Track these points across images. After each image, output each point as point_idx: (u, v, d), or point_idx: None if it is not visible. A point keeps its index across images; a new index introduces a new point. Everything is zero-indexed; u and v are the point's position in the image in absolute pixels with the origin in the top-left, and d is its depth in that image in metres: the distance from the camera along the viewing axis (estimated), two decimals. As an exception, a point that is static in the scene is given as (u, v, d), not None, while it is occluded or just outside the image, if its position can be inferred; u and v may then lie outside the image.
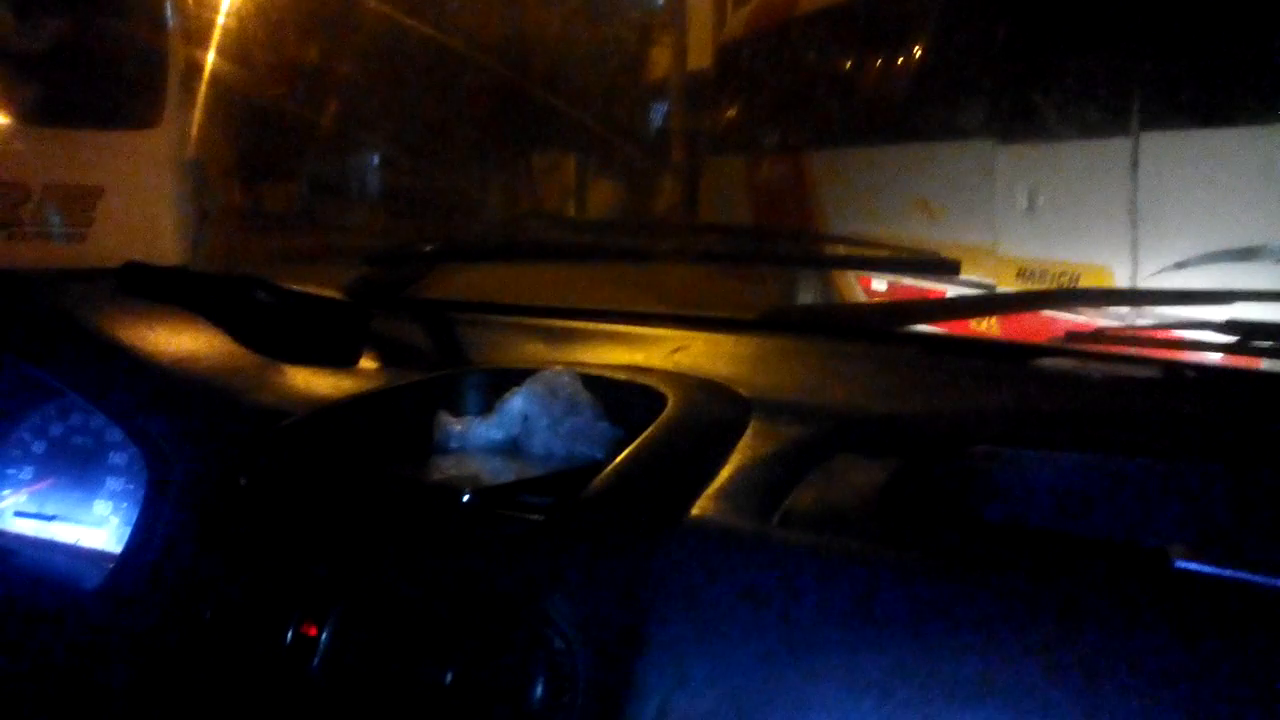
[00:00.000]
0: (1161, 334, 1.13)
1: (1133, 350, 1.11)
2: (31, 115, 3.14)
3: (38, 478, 1.12)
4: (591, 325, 1.30)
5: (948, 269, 1.22)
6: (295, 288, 1.25)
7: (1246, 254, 2.77)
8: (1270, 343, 1.03)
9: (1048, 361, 1.06)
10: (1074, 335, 1.10)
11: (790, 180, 5.55)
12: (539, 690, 0.68)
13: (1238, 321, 1.01)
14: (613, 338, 1.25)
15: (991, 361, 1.14)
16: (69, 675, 0.88)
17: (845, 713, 0.62)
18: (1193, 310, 1.12)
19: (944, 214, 4.18)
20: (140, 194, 3.34)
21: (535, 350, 1.23)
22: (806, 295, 4.85)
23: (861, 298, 4.47)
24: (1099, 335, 1.10)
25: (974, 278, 3.55)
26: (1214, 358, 1.08)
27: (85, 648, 0.88)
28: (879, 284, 4.40)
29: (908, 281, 3.75)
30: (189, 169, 3.69)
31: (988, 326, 3.31)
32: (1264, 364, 1.06)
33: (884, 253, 1.72)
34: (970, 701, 0.60)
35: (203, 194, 3.80)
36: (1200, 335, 1.08)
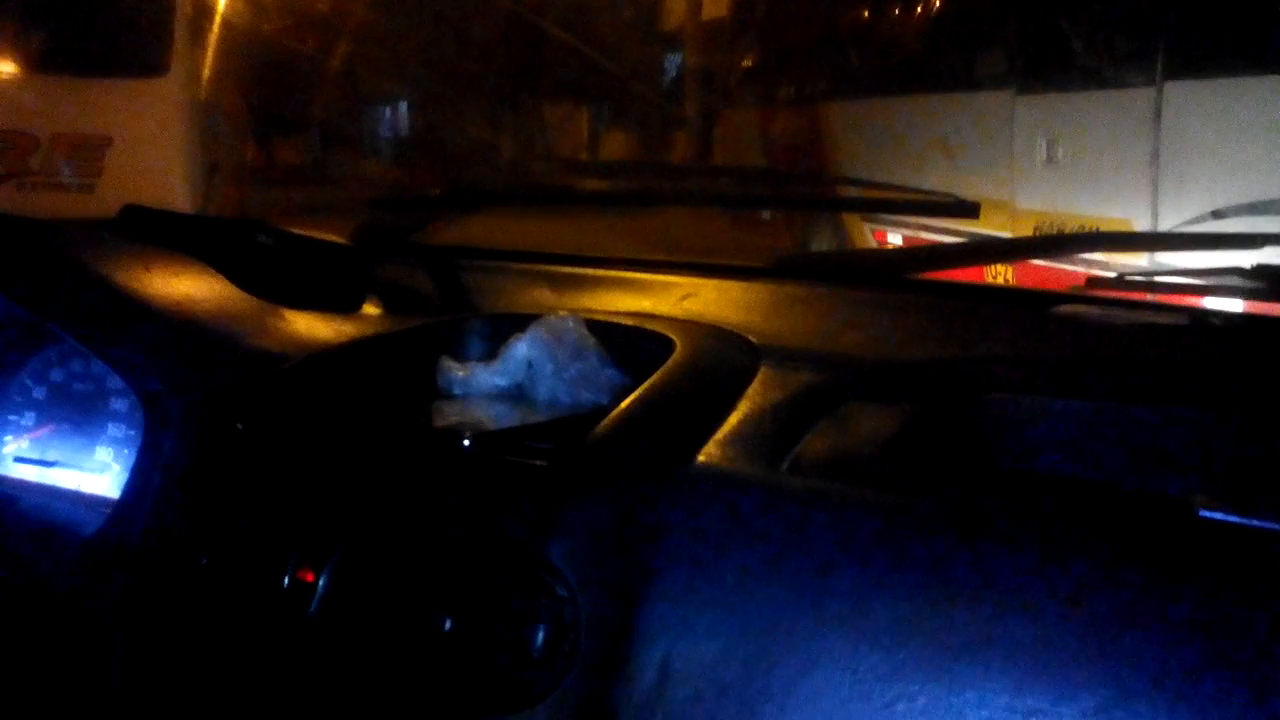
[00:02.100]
0: (1187, 279, 1.09)
1: (1156, 296, 1.08)
2: (38, 63, 3.13)
3: (39, 424, 1.11)
4: (599, 272, 1.27)
5: (966, 211, 1.19)
6: (298, 232, 1.23)
7: (1272, 205, 2.71)
8: (1300, 289, 1.00)
9: (1067, 308, 1.03)
10: (1095, 281, 1.07)
11: (805, 132, 5.47)
12: (540, 637, 0.67)
13: (1266, 266, 0.98)
14: (620, 284, 1.22)
15: (1009, 308, 1.11)
16: (68, 621, 0.88)
17: (853, 663, 0.60)
18: (1219, 256, 1.08)
19: (963, 151, 4.06)
20: (149, 143, 3.29)
21: (541, 297, 1.21)
22: (820, 245, 4.79)
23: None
24: (1121, 281, 1.07)
25: (990, 231, 3.50)
26: (1240, 305, 1.05)
27: (84, 593, 0.87)
28: (894, 237, 4.35)
29: (925, 238, 3.70)
30: (199, 117, 3.61)
31: (1004, 279, 3.27)
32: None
33: (901, 195, 1.68)
34: (984, 652, 0.58)
35: (213, 143, 3.75)
36: (1225, 282, 1.04)
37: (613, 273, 1.27)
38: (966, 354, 0.96)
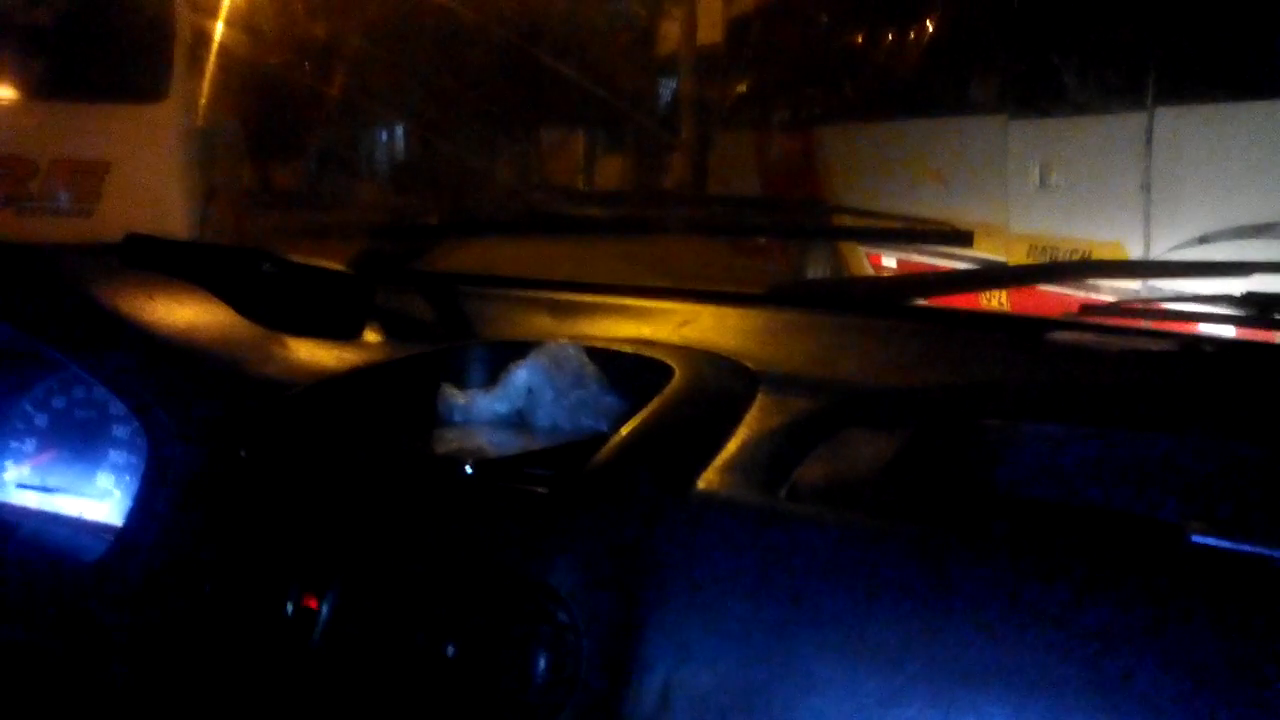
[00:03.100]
0: (1179, 306, 1.11)
1: (1149, 324, 1.09)
2: (38, 88, 3.13)
3: (40, 450, 1.11)
4: (597, 299, 1.28)
5: (960, 240, 1.20)
6: (299, 260, 1.24)
7: (1263, 230, 2.73)
8: (1289, 316, 1.01)
9: (1061, 335, 1.04)
10: (1088, 308, 1.08)
11: (799, 157, 5.50)
12: (542, 664, 0.67)
13: (1255, 294, 0.99)
14: (619, 311, 1.23)
15: (1003, 335, 1.12)
16: (70, 649, 0.88)
17: (852, 688, 0.61)
18: (1209, 283, 1.10)
19: (956, 175, 4.08)
20: (148, 169, 3.29)
21: (540, 324, 1.21)
22: (816, 272, 4.81)
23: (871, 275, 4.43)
24: (1114, 309, 1.08)
25: (983, 255, 3.50)
26: (1232, 331, 1.06)
27: (86, 621, 0.87)
28: (889, 262, 4.36)
29: (918, 260, 3.72)
30: (197, 142, 3.61)
31: (999, 304, 3.28)
32: (1282, 338, 1.04)
33: (895, 224, 1.70)
34: (980, 676, 0.59)
35: (210, 169, 3.73)
36: (1217, 309, 1.06)
37: (612, 299, 1.28)
38: (962, 380, 0.97)
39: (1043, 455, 0.84)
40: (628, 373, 0.98)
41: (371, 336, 1.20)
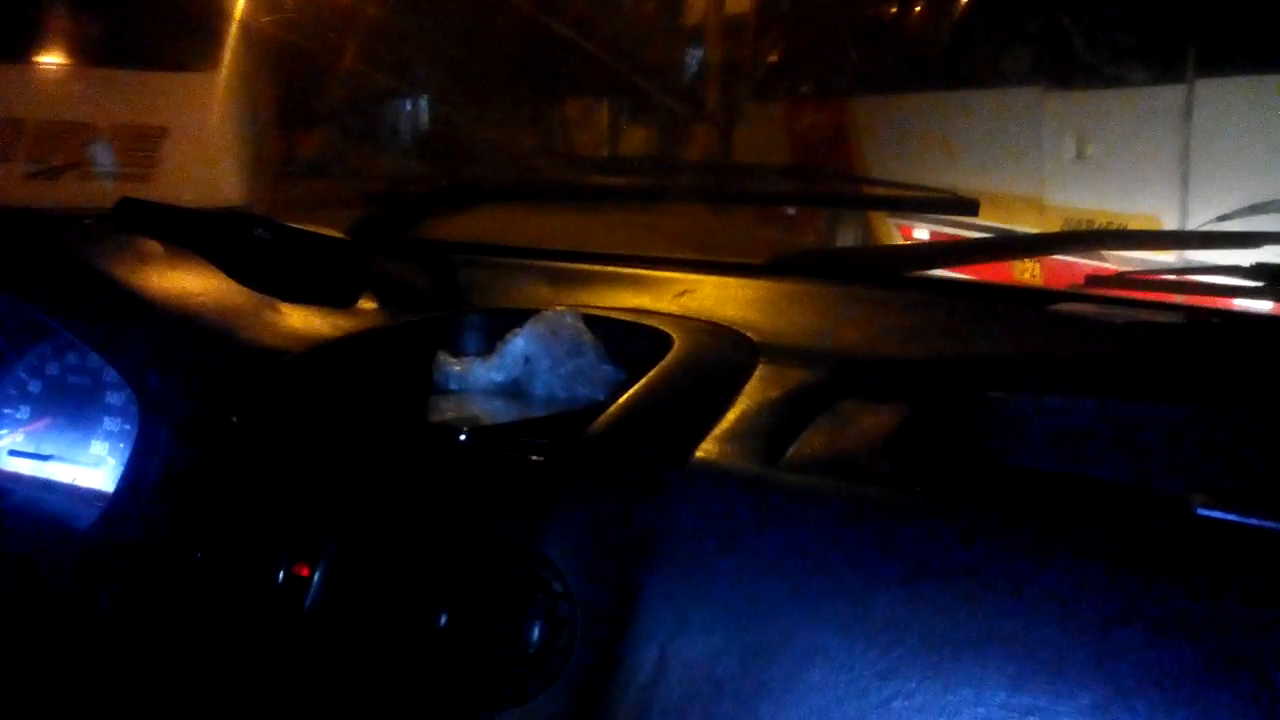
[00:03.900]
0: (1186, 278, 1.09)
1: (1156, 295, 1.08)
2: (97, 56, 3.24)
3: (34, 417, 1.10)
4: (596, 268, 1.27)
5: (966, 208, 1.18)
6: (295, 226, 1.22)
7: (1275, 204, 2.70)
8: (1299, 288, 1.00)
9: (1065, 306, 1.03)
10: (1094, 279, 1.07)
11: (831, 129, 5.47)
12: (535, 633, 0.66)
13: (1265, 265, 0.97)
14: (618, 280, 1.22)
15: (1006, 306, 1.10)
16: (62, 616, 0.87)
17: (850, 659, 0.60)
18: (1220, 255, 1.08)
19: (992, 147, 4.07)
20: (201, 135, 3.39)
21: (538, 292, 1.20)
22: (845, 241, 4.80)
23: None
24: (1121, 279, 1.07)
25: (1019, 226, 3.55)
26: (1240, 303, 1.04)
27: (79, 588, 0.87)
28: (920, 233, 4.35)
29: (948, 231, 3.69)
30: (246, 110, 3.68)
31: (1031, 275, 3.28)
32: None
33: (900, 191, 1.67)
34: (981, 649, 0.58)
35: (256, 135, 3.77)
36: (1227, 280, 1.04)
37: (610, 269, 1.26)
38: (965, 351, 0.95)
39: (1046, 427, 0.83)
40: (626, 342, 0.96)
41: (367, 304, 1.19)
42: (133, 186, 3.09)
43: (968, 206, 1.18)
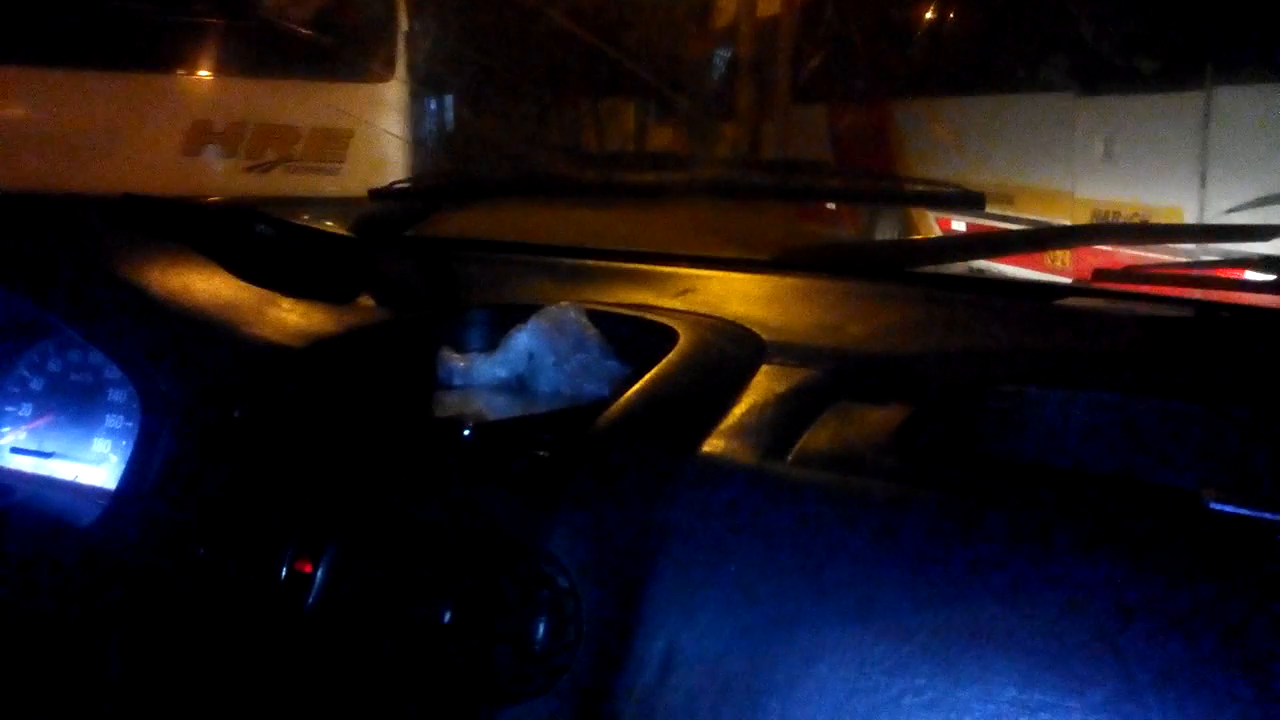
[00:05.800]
0: (1195, 271, 1.08)
1: (1163, 289, 1.07)
2: (300, 72, 4.04)
3: (36, 415, 1.10)
4: (601, 264, 1.26)
5: (972, 202, 1.18)
6: (297, 222, 1.22)
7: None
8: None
9: (1073, 300, 1.02)
10: (1101, 273, 1.06)
11: (875, 130, 5.83)
12: (541, 630, 0.66)
13: (1276, 258, 0.97)
14: (623, 276, 1.21)
15: (1014, 301, 1.10)
16: (65, 613, 0.87)
17: (859, 656, 0.59)
18: (1227, 248, 1.07)
19: (1027, 147, 4.59)
20: (380, 135, 4.10)
21: (542, 289, 1.20)
22: (884, 235, 5.15)
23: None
24: (1127, 273, 1.06)
25: (1052, 219, 4.03)
26: (1250, 296, 1.03)
27: (81, 585, 0.86)
28: (959, 225, 4.67)
29: (985, 224, 3.88)
30: (414, 114, 4.54)
31: (1062, 265, 3.59)
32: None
33: (905, 187, 1.67)
34: (991, 646, 0.57)
35: (426, 134, 4.89)
36: (1234, 273, 1.03)
37: (615, 265, 1.26)
38: (971, 346, 0.95)
39: (1053, 422, 0.82)
40: (631, 338, 0.96)
41: (369, 301, 1.18)
42: (328, 178, 3.86)
43: (973, 200, 1.17)
